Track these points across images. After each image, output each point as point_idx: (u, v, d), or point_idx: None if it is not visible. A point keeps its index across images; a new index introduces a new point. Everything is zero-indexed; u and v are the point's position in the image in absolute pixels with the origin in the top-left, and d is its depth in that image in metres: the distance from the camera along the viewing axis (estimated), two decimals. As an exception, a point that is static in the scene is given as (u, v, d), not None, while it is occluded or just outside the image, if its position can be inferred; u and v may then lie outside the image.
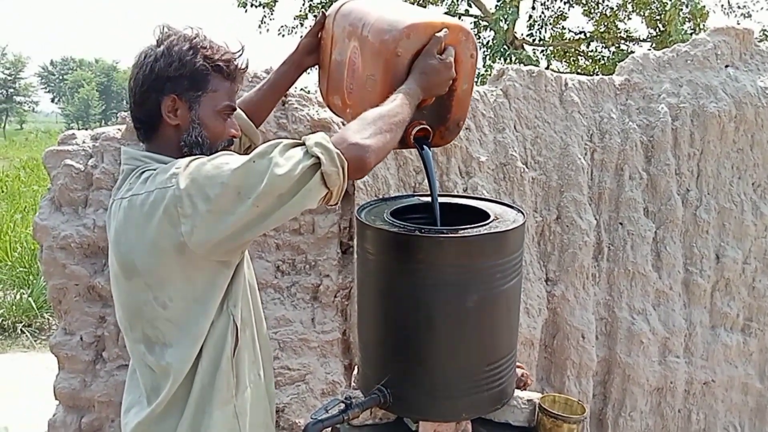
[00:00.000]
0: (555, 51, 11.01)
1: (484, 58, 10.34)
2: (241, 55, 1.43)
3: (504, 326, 1.65)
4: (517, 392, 1.82)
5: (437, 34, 1.51)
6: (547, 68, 7.67)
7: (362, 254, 1.67)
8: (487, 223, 1.61)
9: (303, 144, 1.26)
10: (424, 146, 1.70)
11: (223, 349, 1.34)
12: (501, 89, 3.11)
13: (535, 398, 1.76)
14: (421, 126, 1.64)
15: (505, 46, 9.53)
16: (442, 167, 2.93)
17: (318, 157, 1.22)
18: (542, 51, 10.68)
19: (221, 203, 1.19)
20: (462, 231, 1.53)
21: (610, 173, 3.11)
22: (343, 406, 1.56)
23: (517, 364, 2.00)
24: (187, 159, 1.27)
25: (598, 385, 3.14)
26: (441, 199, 1.94)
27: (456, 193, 2.68)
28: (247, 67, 1.45)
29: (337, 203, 1.31)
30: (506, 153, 2.99)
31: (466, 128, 2.99)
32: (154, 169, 1.30)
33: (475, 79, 3.46)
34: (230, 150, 1.50)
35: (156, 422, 1.35)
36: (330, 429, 1.67)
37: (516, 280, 1.63)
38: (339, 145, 1.25)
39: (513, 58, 9.27)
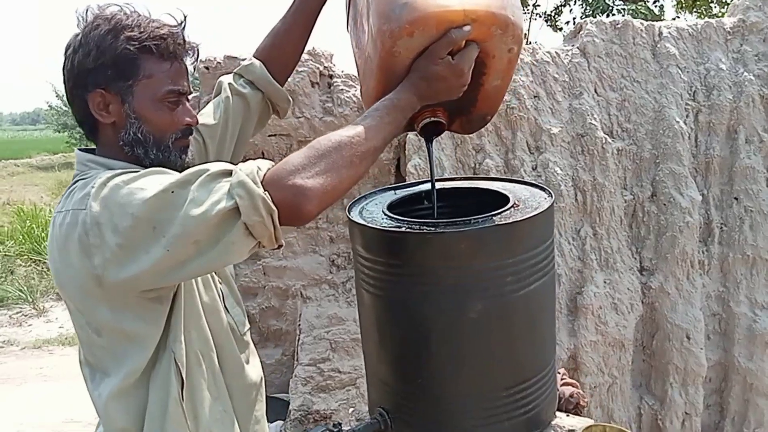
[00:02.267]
0: (682, 1, 9.55)
1: (583, 16, 9.12)
2: (181, 28, 1.22)
3: (527, 341, 1.31)
4: (562, 418, 1.48)
5: (452, 33, 1.12)
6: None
7: (354, 256, 1.42)
8: (497, 213, 1.28)
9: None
10: (431, 138, 1.39)
11: (168, 391, 1.14)
12: (578, 47, 2.67)
13: (578, 429, 1.40)
14: (433, 119, 1.31)
15: (608, 2, 8.41)
16: (507, 143, 2.57)
17: (237, 201, 0.98)
18: (655, 2, 9.29)
19: (132, 238, 1.00)
20: (456, 225, 1.22)
21: (720, 137, 2.54)
22: (331, 434, 1.33)
23: (567, 380, 1.64)
24: (107, 175, 1.07)
25: (712, 395, 2.61)
26: (464, 184, 1.63)
27: (492, 176, 2.31)
28: (185, 41, 1.23)
29: (280, 247, 1.06)
30: (584, 122, 2.55)
31: (535, 96, 2.60)
32: (89, 178, 1.14)
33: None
34: (189, 150, 1.29)
35: None
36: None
37: (540, 283, 1.29)
38: (271, 184, 1.00)
39: (622, 15, 8.15)
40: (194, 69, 1.28)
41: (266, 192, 0.98)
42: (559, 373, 1.60)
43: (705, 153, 2.56)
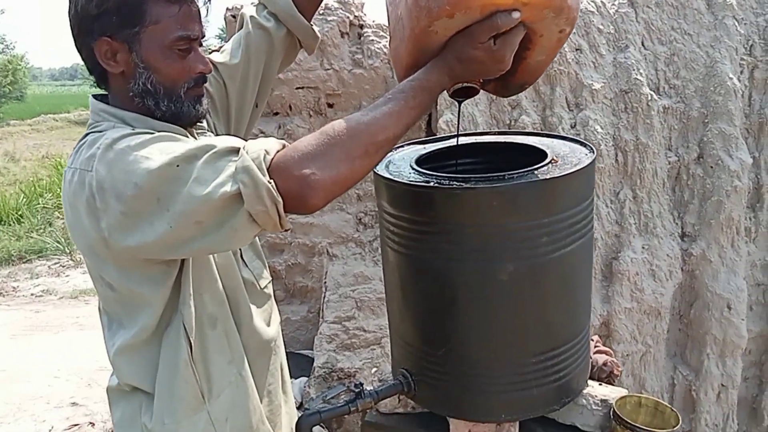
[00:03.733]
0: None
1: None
2: None
3: (560, 306, 1.24)
4: (594, 387, 1.41)
5: (498, 17, 0.99)
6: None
7: (379, 212, 1.35)
8: (533, 169, 1.19)
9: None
10: (462, 101, 1.29)
11: (178, 352, 1.11)
12: (625, -4, 2.49)
13: (611, 399, 1.33)
14: (466, 84, 1.17)
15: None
16: (545, 99, 2.44)
17: (240, 188, 0.93)
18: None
19: (136, 207, 0.97)
20: (488, 181, 1.14)
21: (777, 96, 2.37)
22: (352, 394, 1.29)
23: (601, 348, 1.57)
24: (114, 136, 1.02)
25: (751, 367, 2.51)
26: (498, 138, 1.53)
27: (528, 131, 2.19)
28: None
29: (288, 230, 1.01)
30: (629, 77, 2.40)
31: (577, 49, 2.45)
32: (101, 131, 1.10)
33: None
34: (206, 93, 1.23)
35: (125, 397, 1.19)
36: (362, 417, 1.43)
37: (576, 245, 1.20)
38: (277, 172, 0.94)
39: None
40: (207, 11, 1.20)
41: (272, 180, 0.92)
42: (592, 340, 1.52)
43: (759, 113, 2.39)
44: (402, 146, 1.50)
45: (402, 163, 1.37)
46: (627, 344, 2.41)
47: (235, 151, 0.96)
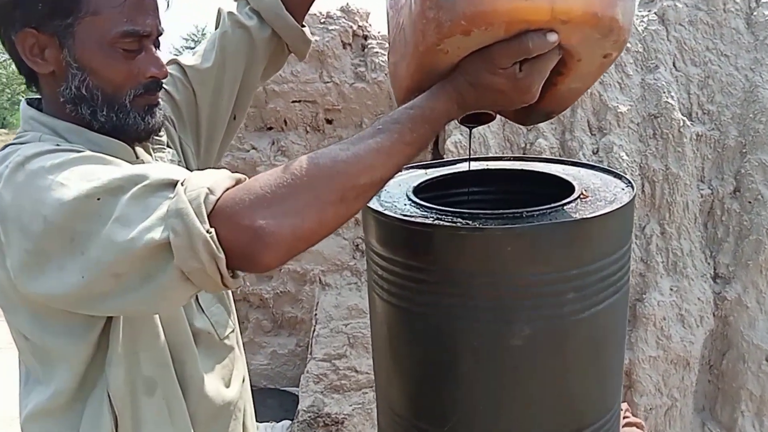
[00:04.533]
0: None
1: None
2: None
3: (587, 378, 1.00)
4: (624, 471, 1.16)
5: (529, 39, 0.76)
6: None
7: (367, 251, 1.12)
8: (559, 205, 0.96)
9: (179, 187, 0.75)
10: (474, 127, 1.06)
11: (100, 425, 0.91)
12: (656, 13, 2.28)
13: (647, 492, 1.08)
14: (479, 110, 0.94)
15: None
16: (564, 121, 2.22)
17: (170, 237, 0.72)
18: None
19: (43, 245, 0.78)
20: (502, 219, 0.91)
21: (826, 125, 2.14)
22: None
23: (631, 419, 1.32)
24: (31, 150, 0.83)
25: (790, 428, 2.24)
26: (515, 165, 1.30)
27: (548, 157, 1.95)
28: None
29: (237, 288, 0.79)
30: (659, 100, 2.18)
31: (601, 68, 2.22)
32: (21, 143, 0.90)
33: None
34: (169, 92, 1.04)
35: None
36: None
37: (609, 302, 0.97)
38: (222, 218, 0.72)
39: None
40: (168, 4, 0.98)
41: (212, 229, 0.70)
42: (621, 410, 1.28)
43: (804, 143, 2.15)
44: (400, 171, 1.27)
45: (397, 192, 1.14)
46: (650, 397, 2.15)
47: (172, 185, 0.74)
